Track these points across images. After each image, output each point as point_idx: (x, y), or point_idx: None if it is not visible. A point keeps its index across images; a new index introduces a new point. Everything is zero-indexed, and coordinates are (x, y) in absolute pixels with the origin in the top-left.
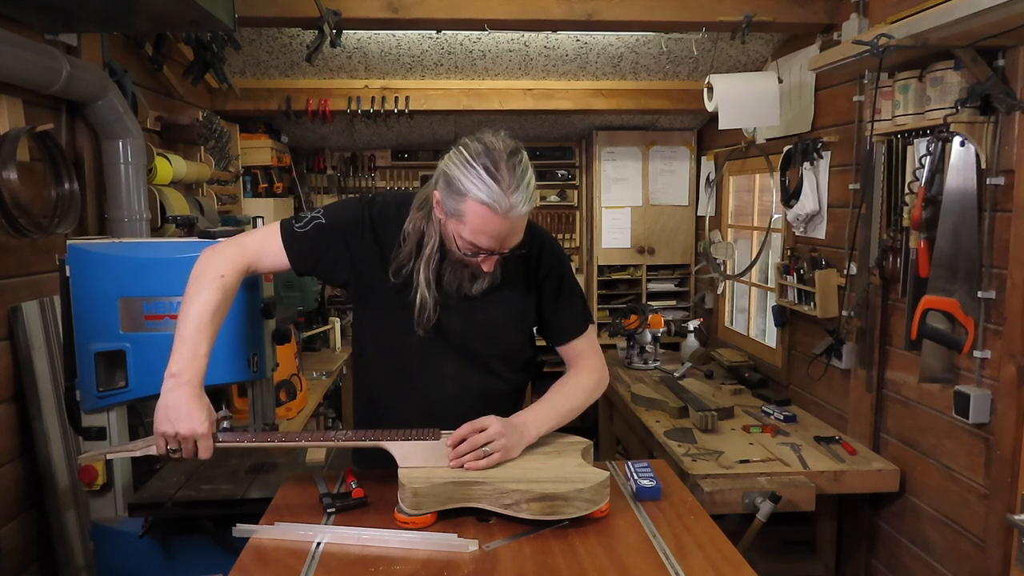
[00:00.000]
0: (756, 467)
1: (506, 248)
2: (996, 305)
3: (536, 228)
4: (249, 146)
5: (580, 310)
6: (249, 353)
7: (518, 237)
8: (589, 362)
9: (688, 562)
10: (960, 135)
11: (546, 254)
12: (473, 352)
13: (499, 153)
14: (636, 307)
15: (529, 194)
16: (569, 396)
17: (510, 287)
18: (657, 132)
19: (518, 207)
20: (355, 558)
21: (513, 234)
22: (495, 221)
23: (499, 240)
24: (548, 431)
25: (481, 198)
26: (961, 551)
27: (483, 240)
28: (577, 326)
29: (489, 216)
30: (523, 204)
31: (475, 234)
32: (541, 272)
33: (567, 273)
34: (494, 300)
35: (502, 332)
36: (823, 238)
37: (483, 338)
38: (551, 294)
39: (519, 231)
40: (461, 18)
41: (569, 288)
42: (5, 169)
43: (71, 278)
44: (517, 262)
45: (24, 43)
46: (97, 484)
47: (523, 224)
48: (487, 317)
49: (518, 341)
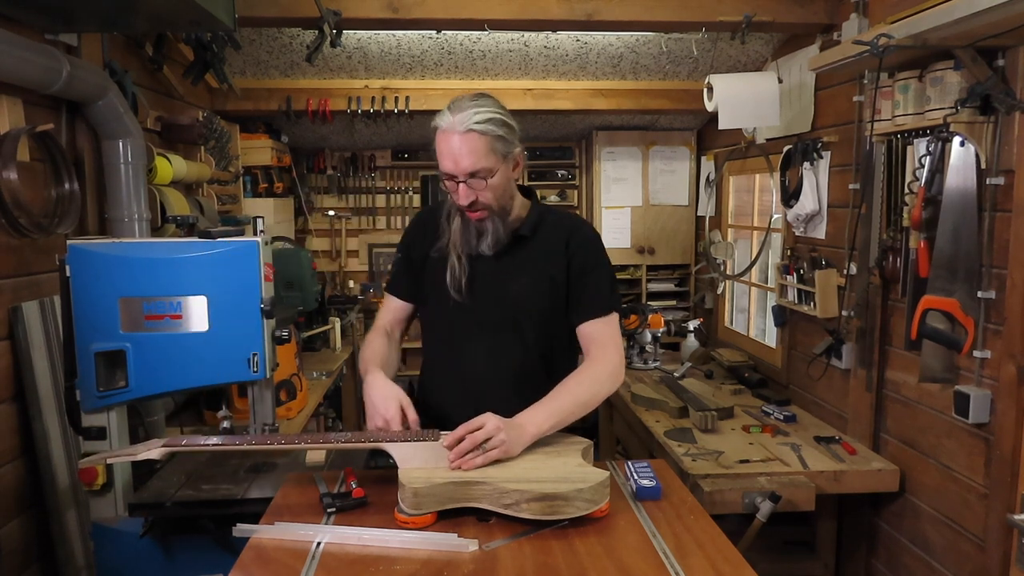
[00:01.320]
0: (756, 467)
1: (462, 169)
2: (996, 305)
3: (574, 216)
4: (249, 146)
5: (605, 292)
6: (249, 353)
7: (471, 158)
8: (603, 352)
9: (688, 562)
10: (960, 135)
11: (579, 235)
12: (503, 317)
13: (468, 95)
14: (636, 307)
15: (476, 116)
16: (573, 393)
17: (540, 259)
18: (657, 132)
19: (462, 123)
20: (355, 558)
21: (464, 154)
22: (444, 139)
23: (453, 159)
24: (549, 430)
25: (437, 123)
26: (961, 551)
27: (446, 164)
28: (597, 306)
29: (441, 137)
30: (467, 121)
31: (440, 159)
32: (571, 248)
33: (600, 256)
34: (523, 270)
35: (528, 298)
36: (823, 238)
37: (510, 302)
38: (578, 268)
39: (470, 152)
40: (461, 18)
41: (598, 269)
42: (5, 169)
43: (71, 278)
44: (550, 239)
45: (24, 43)
46: (97, 484)
47: (474, 145)
48: (516, 285)
49: (545, 306)
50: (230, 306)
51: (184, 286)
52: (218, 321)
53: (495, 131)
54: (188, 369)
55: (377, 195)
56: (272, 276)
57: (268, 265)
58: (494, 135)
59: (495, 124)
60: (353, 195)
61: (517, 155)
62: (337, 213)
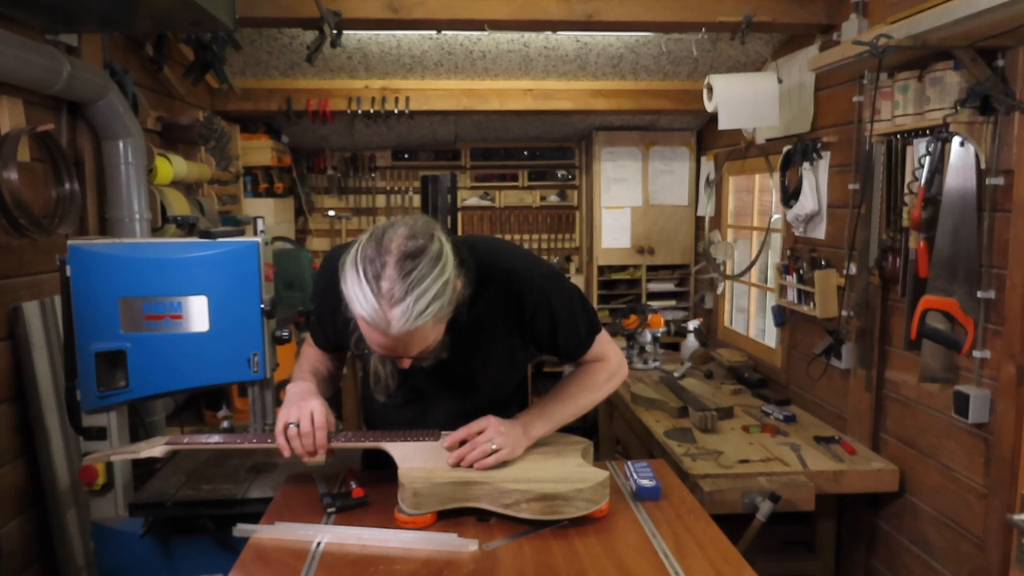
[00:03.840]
0: (756, 467)
1: (408, 354)
2: (996, 305)
3: (514, 264)
4: (249, 146)
5: (583, 328)
6: (249, 353)
7: (419, 345)
8: (601, 362)
9: (688, 562)
10: (960, 135)
11: (527, 294)
12: (455, 403)
13: (390, 256)
14: (636, 307)
15: (418, 308)
16: (574, 394)
17: (492, 341)
18: (657, 132)
19: (397, 323)
20: (355, 558)
21: (407, 345)
22: (376, 336)
23: (391, 351)
24: (550, 430)
25: (357, 311)
26: (961, 551)
27: (377, 348)
28: (582, 345)
29: (369, 331)
30: (406, 320)
31: (368, 341)
32: (527, 315)
33: (556, 300)
34: (474, 357)
35: (485, 384)
36: (823, 238)
37: (463, 391)
38: (546, 329)
39: (415, 342)
40: (461, 18)
41: (564, 314)
42: (6, 169)
43: (71, 278)
44: (497, 312)
45: (25, 43)
46: (97, 484)
47: (419, 335)
48: (468, 375)
49: (507, 384)
50: (230, 306)
51: (184, 286)
52: (218, 321)
53: (441, 311)
54: (188, 369)
55: (377, 195)
56: (272, 276)
57: (268, 265)
58: (439, 315)
59: (437, 299)
60: (353, 195)
61: (458, 287)
62: (337, 213)
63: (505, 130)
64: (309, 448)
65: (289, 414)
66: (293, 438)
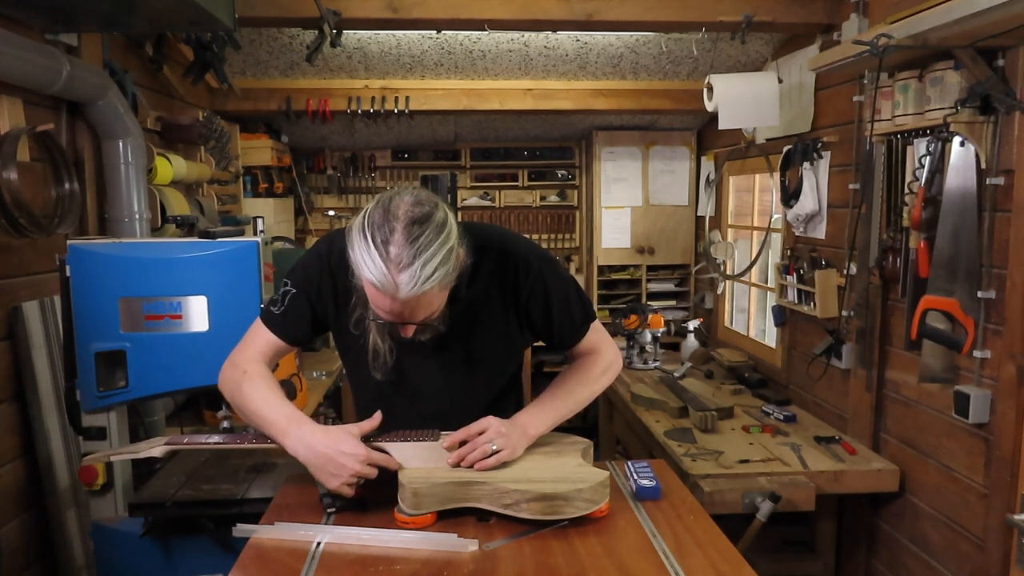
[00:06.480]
0: (756, 467)
1: (414, 319)
2: (996, 305)
3: (511, 246)
4: (249, 146)
5: (577, 315)
6: None
7: (425, 311)
8: (595, 355)
9: (688, 562)
10: (960, 135)
11: (523, 275)
12: (451, 388)
13: (398, 222)
14: (636, 307)
15: (425, 272)
16: (571, 390)
17: (488, 321)
18: (657, 132)
19: (406, 287)
20: (355, 558)
21: (414, 310)
22: (384, 300)
23: (398, 316)
24: (549, 428)
25: (366, 276)
26: (961, 551)
27: (383, 314)
28: (577, 332)
29: (376, 295)
30: (414, 284)
31: (373, 307)
32: (522, 297)
33: (552, 283)
34: (470, 337)
35: (481, 364)
36: (823, 238)
37: (459, 371)
38: (540, 312)
39: (421, 307)
40: (461, 18)
41: (559, 299)
42: (5, 169)
43: (71, 278)
44: (492, 292)
45: (24, 43)
46: (97, 484)
47: (425, 300)
48: (464, 354)
49: (502, 369)
50: (230, 306)
51: (184, 286)
52: (218, 321)
53: (446, 277)
54: (188, 369)
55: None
56: (272, 276)
57: (268, 265)
58: (444, 282)
59: (443, 264)
60: (353, 195)
61: (461, 256)
62: (337, 213)
63: (505, 130)
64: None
65: (349, 469)
66: None
